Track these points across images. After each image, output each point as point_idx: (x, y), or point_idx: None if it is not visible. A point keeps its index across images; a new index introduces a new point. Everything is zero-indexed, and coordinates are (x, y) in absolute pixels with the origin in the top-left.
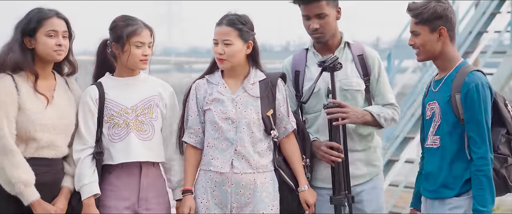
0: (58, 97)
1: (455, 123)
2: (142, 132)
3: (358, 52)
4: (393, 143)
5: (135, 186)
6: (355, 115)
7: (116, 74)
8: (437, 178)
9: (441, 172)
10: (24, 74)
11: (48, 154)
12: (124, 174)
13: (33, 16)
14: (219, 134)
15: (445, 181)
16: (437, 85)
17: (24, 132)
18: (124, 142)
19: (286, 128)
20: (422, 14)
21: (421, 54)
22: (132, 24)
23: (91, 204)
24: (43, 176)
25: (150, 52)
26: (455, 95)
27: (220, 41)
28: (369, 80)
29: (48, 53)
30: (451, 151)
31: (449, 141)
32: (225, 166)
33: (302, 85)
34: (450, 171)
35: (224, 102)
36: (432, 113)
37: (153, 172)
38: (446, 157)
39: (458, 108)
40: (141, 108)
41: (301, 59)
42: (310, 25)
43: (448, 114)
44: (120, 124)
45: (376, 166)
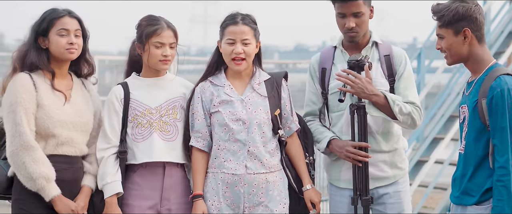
0: (76, 96)
1: (481, 129)
2: (165, 133)
3: (385, 52)
4: (423, 144)
5: (158, 186)
6: (361, 89)
7: (142, 74)
8: (461, 184)
9: (464, 178)
10: (41, 73)
11: (68, 151)
12: (148, 173)
13: (46, 16)
14: (230, 136)
15: (467, 188)
16: (469, 88)
17: (43, 128)
18: (147, 142)
19: (291, 127)
20: (445, 17)
21: (449, 57)
22: (153, 24)
23: (114, 202)
24: (63, 173)
25: (172, 53)
26: (481, 100)
27: (239, 40)
28: (394, 81)
29: (61, 52)
30: (476, 158)
31: (474, 147)
32: (239, 168)
33: (328, 82)
34: (473, 178)
35: (233, 103)
36: (463, 117)
37: (177, 172)
38: (471, 164)
39: (484, 113)
40: (165, 108)
41: (329, 56)
42: (346, 24)
43: (475, 119)
44: (144, 124)
45: (400, 168)
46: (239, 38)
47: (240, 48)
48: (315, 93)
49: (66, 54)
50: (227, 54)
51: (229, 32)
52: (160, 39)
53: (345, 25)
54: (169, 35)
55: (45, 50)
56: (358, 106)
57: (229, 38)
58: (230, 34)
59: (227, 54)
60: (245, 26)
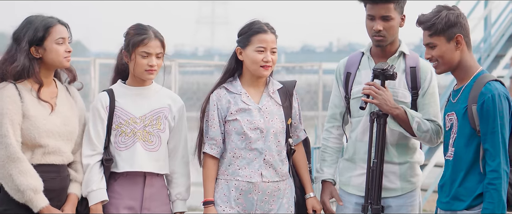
0: (61, 105)
1: (471, 135)
2: (148, 143)
3: (412, 64)
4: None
5: (139, 195)
6: (384, 101)
7: (128, 83)
8: (450, 190)
9: (453, 183)
10: (27, 83)
11: (55, 160)
12: (128, 182)
13: (39, 25)
14: (247, 144)
15: (457, 193)
16: (456, 96)
17: (29, 139)
18: (130, 151)
19: (299, 136)
20: (436, 25)
21: (441, 66)
22: (141, 33)
23: (99, 210)
24: (51, 183)
25: (158, 63)
26: (471, 106)
27: (269, 49)
28: (417, 94)
29: (59, 61)
30: (466, 163)
31: (465, 153)
32: (254, 176)
33: (351, 87)
34: (463, 183)
35: (251, 112)
36: (451, 124)
37: (157, 182)
38: (461, 169)
39: (474, 119)
40: (150, 118)
41: (355, 62)
42: (374, 26)
43: (465, 125)
44: (127, 133)
45: (411, 182)
46: (269, 46)
47: (270, 57)
48: (339, 97)
49: (63, 62)
50: (255, 62)
51: (259, 40)
52: (147, 49)
53: (373, 28)
54: (156, 45)
55: (37, 60)
56: (379, 115)
57: (260, 46)
58: (261, 42)
59: (255, 61)
60: (273, 35)
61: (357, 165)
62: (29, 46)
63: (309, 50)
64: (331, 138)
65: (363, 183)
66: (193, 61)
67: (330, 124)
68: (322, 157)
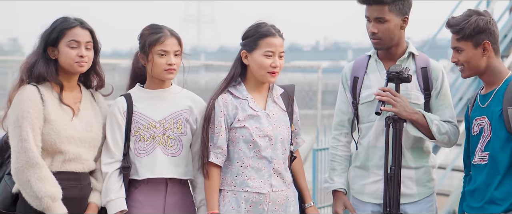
0: (84, 110)
1: (507, 138)
2: (169, 147)
3: (422, 64)
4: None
5: (160, 203)
6: (403, 108)
7: (146, 86)
8: (485, 194)
9: (489, 187)
10: (49, 85)
11: (76, 167)
12: (150, 190)
13: (57, 26)
14: (255, 152)
15: (492, 197)
16: (486, 100)
17: (50, 144)
18: (150, 157)
19: (298, 143)
20: (464, 30)
21: (466, 70)
22: (156, 32)
23: None
24: (71, 191)
25: (177, 61)
26: (507, 109)
27: (277, 53)
28: (429, 95)
29: (70, 64)
30: (503, 167)
31: (501, 157)
32: (264, 186)
33: (359, 92)
34: (499, 186)
35: (260, 118)
36: (480, 128)
37: (180, 189)
38: (498, 173)
39: (510, 121)
40: (170, 122)
41: (362, 65)
42: (368, 28)
43: (500, 128)
44: (147, 138)
45: (427, 186)
46: (278, 51)
47: (278, 62)
48: (346, 103)
49: (76, 67)
50: (263, 67)
51: (267, 44)
52: (164, 47)
53: (368, 29)
54: (173, 43)
55: (54, 61)
56: (395, 119)
57: (268, 50)
58: (270, 47)
59: (263, 66)
60: (280, 38)
61: (370, 172)
62: (45, 46)
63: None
64: (340, 146)
65: (377, 190)
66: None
67: (338, 131)
68: (331, 166)
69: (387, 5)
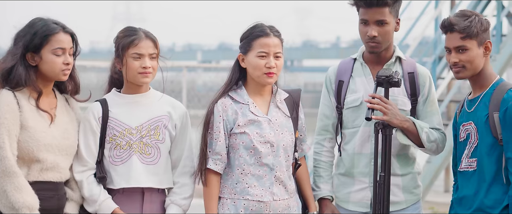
0: (60, 116)
1: (493, 144)
2: (146, 155)
3: (409, 69)
4: None
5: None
6: (394, 115)
7: (123, 91)
8: (473, 202)
9: (477, 196)
10: (26, 91)
11: (53, 177)
12: (126, 200)
13: (39, 31)
14: (256, 159)
15: (481, 205)
16: (472, 105)
17: (26, 152)
18: (126, 165)
19: (303, 149)
20: (471, 28)
21: (466, 71)
22: (129, 35)
23: None
24: (48, 202)
25: (152, 64)
26: (493, 114)
27: (272, 53)
28: (416, 101)
29: (54, 73)
30: (490, 174)
31: (487, 163)
32: (265, 194)
33: (344, 96)
34: (487, 194)
35: (260, 124)
36: (467, 134)
37: (158, 197)
38: (484, 180)
39: (496, 127)
40: (147, 128)
41: (347, 69)
42: (368, 32)
43: (486, 134)
44: (123, 145)
45: (414, 193)
46: (272, 51)
47: (273, 62)
48: (330, 107)
49: (60, 75)
50: (258, 68)
51: (260, 45)
52: (138, 50)
53: (367, 33)
54: (147, 45)
55: (34, 68)
56: (384, 125)
57: (261, 51)
58: (263, 47)
59: (258, 68)
60: (276, 38)
61: (355, 179)
62: (25, 52)
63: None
64: (324, 152)
65: (364, 198)
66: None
67: (322, 136)
68: (316, 173)
69: (388, 7)
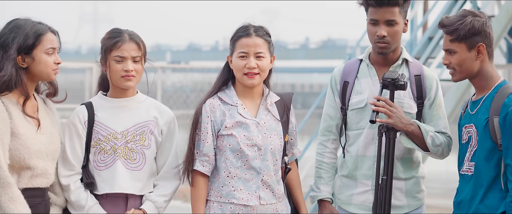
0: (43, 120)
1: (492, 149)
2: (130, 161)
3: (416, 72)
4: None
5: None
6: (399, 119)
7: (109, 95)
8: (469, 207)
9: (473, 201)
10: (11, 96)
11: (41, 183)
12: (109, 205)
13: (29, 31)
14: (243, 162)
15: (477, 211)
16: (475, 107)
17: (18, 160)
18: (110, 171)
19: (294, 153)
20: (458, 31)
21: (457, 74)
22: (113, 37)
23: None
24: (37, 208)
25: (136, 67)
26: (493, 118)
27: (252, 54)
28: (422, 104)
29: (47, 73)
30: (487, 179)
31: (486, 168)
32: (251, 198)
33: (349, 97)
34: (483, 200)
35: (248, 127)
36: (469, 137)
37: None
38: (481, 185)
39: (496, 132)
40: (132, 133)
41: (353, 70)
42: (377, 32)
43: (486, 138)
44: (107, 150)
45: (417, 198)
46: (252, 51)
47: (254, 63)
48: (334, 108)
49: (51, 75)
50: (239, 69)
51: (241, 45)
52: (120, 52)
53: (377, 33)
54: (130, 47)
55: (25, 70)
56: (388, 128)
57: (241, 51)
58: (243, 47)
59: (239, 69)
60: (259, 38)
61: (358, 181)
62: (18, 54)
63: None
64: (327, 153)
65: (366, 201)
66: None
67: (325, 137)
68: (317, 174)
69: (398, 7)
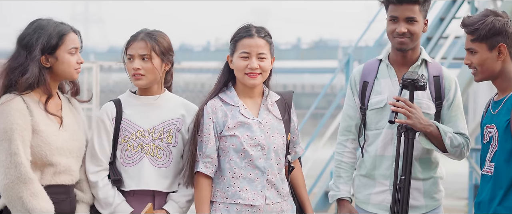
0: (66, 118)
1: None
2: (157, 158)
3: (435, 73)
4: None
5: None
6: (418, 119)
7: (138, 92)
8: (489, 208)
9: (492, 202)
10: (34, 95)
11: (65, 180)
12: (136, 202)
13: (52, 32)
14: (247, 162)
15: (496, 212)
16: (496, 107)
17: (40, 157)
18: (136, 167)
19: (297, 152)
20: (479, 31)
21: (479, 74)
22: (132, 36)
23: None
24: (61, 205)
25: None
26: None
27: (255, 54)
28: (441, 105)
29: (70, 72)
30: (507, 180)
31: (506, 169)
32: (257, 198)
33: (368, 97)
34: (503, 201)
35: (251, 127)
36: (490, 137)
37: None
38: (501, 187)
39: None
40: (160, 131)
41: (372, 70)
42: (396, 28)
43: (506, 139)
44: (134, 147)
45: (435, 198)
46: (254, 51)
47: (256, 63)
48: (353, 108)
49: (74, 74)
50: (240, 69)
51: (243, 45)
52: (130, 51)
53: (396, 30)
54: (139, 46)
55: (48, 69)
56: (407, 128)
57: (243, 51)
58: (245, 48)
59: (240, 69)
60: (260, 39)
61: (376, 181)
62: (42, 55)
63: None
64: (346, 152)
65: (384, 200)
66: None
67: (344, 137)
68: (336, 173)
69: (419, 5)
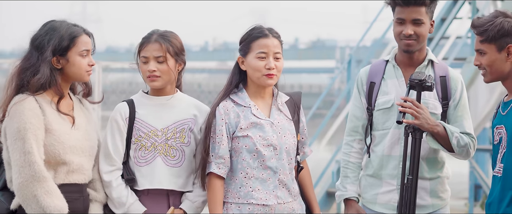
0: (78, 118)
1: None
2: (170, 157)
3: (441, 73)
4: None
5: None
6: (425, 120)
7: (151, 93)
8: (498, 209)
9: (501, 203)
10: (46, 95)
11: (78, 179)
12: (150, 202)
13: (64, 33)
14: (259, 163)
15: (505, 213)
16: (506, 108)
17: (53, 155)
18: (150, 167)
19: (305, 152)
20: (488, 32)
21: (488, 75)
22: (143, 38)
23: None
24: (74, 204)
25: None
26: None
27: (271, 54)
28: (447, 105)
29: (81, 74)
30: None
31: None
32: (270, 198)
33: (375, 98)
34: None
35: (263, 127)
36: (500, 138)
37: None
38: (510, 188)
39: None
40: (173, 131)
41: (379, 70)
42: (403, 30)
43: None
44: (147, 147)
45: (441, 198)
46: (271, 51)
47: (273, 63)
48: (360, 108)
49: (85, 76)
50: (257, 69)
51: (259, 46)
52: (144, 53)
53: (403, 32)
54: (153, 48)
55: (59, 71)
56: (414, 128)
57: (260, 51)
58: (262, 48)
59: (257, 69)
60: (275, 39)
61: (383, 181)
62: (53, 56)
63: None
64: (353, 153)
65: (391, 200)
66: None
67: (351, 137)
68: (344, 173)
69: (425, 7)
